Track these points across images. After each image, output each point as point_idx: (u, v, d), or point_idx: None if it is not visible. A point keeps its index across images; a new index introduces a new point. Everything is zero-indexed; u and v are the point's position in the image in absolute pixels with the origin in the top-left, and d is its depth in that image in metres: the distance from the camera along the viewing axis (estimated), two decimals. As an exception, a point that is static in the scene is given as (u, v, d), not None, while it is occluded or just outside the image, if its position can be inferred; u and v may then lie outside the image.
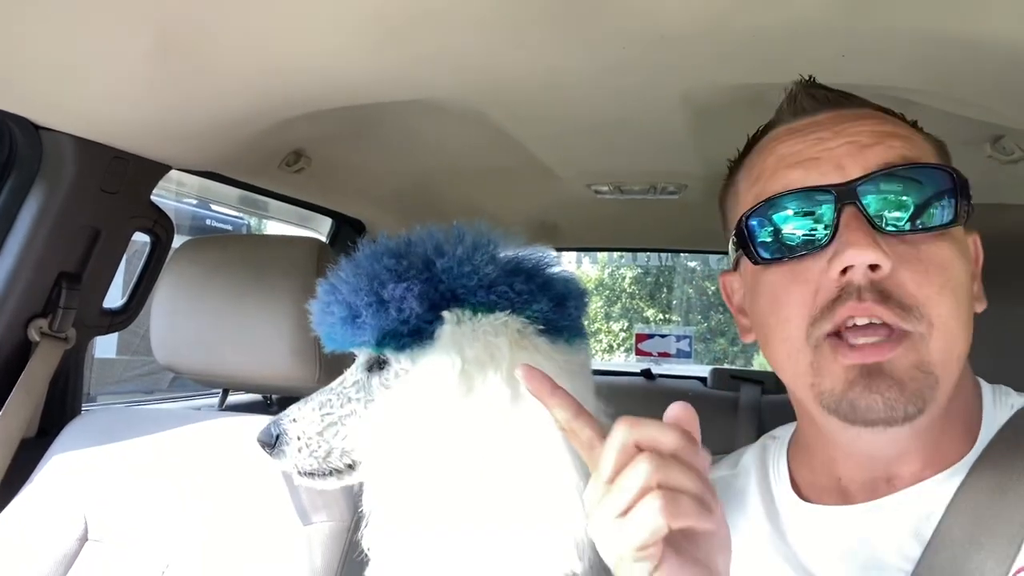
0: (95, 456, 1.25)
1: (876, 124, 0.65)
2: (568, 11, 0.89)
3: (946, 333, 0.60)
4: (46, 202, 1.22)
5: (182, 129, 1.24)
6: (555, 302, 0.84)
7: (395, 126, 1.44)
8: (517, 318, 0.80)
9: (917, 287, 0.59)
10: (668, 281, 14.02)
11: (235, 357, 1.30)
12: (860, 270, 0.59)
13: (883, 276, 0.59)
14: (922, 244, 0.61)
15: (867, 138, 0.63)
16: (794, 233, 0.63)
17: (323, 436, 0.85)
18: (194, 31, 0.94)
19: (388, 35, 0.95)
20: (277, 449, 0.87)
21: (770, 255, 0.65)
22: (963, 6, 0.83)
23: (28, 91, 1.06)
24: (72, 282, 1.30)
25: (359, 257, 0.85)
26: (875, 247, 0.58)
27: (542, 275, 0.85)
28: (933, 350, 0.60)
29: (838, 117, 0.67)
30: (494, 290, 0.81)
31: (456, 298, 0.81)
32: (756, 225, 0.66)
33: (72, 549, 1.16)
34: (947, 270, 0.61)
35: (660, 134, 1.42)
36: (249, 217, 4.22)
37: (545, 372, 0.58)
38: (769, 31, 0.92)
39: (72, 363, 1.42)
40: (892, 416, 0.59)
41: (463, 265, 0.81)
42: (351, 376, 0.88)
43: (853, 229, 0.59)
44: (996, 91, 1.01)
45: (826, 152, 0.64)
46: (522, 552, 0.75)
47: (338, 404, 0.86)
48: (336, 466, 0.86)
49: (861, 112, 0.67)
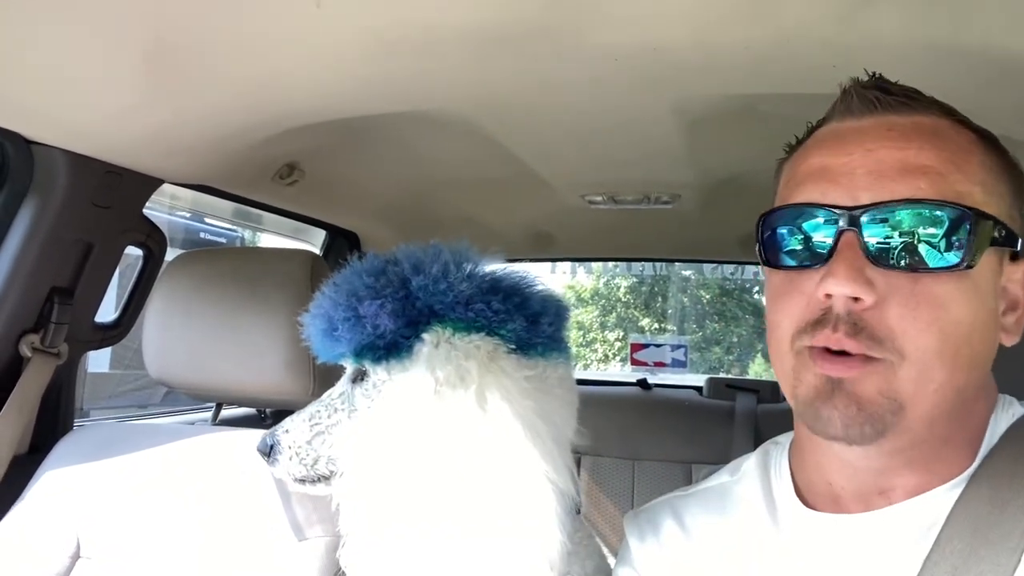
0: (87, 473, 1.24)
1: (916, 152, 0.62)
2: (560, 23, 0.89)
3: (921, 365, 0.59)
4: (38, 216, 1.22)
5: (175, 143, 1.24)
6: (530, 320, 0.87)
7: (389, 138, 1.45)
8: (491, 339, 0.84)
9: (898, 320, 0.59)
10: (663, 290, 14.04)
11: (229, 370, 1.29)
12: (841, 300, 0.59)
13: (864, 308, 0.59)
14: (922, 279, 0.60)
15: (894, 169, 0.61)
16: (795, 246, 0.64)
17: (311, 444, 0.91)
18: (187, 45, 0.94)
19: (382, 48, 0.95)
20: (272, 458, 0.93)
21: (774, 260, 0.67)
22: (955, 15, 0.83)
23: (19, 106, 1.06)
24: (64, 297, 1.29)
25: (343, 273, 0.90)
26: (857, 280, 0.58)
27: (520, 293, 0.89)
28: (902, 379, 0.59)
29: (883, 126, 0.64)
30: (471, 307, 0.85)
31: (435, 313, 0.85)
32: (766, 228, 0.67)
33: (64, 567, 1.15)
34: (942, 308, 0.59)
35: (653, 144, 1.43)
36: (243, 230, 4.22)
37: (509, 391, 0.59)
38: (760, 41, 0.92)
39: (64, 378, 1.40)
40: (849, 435, 0.59)
41: (439, 283, 0.85)
42: (339, 388, 0.93)
43: (843, 258, 0.59)
44: (987, 100, 1.02)
45: (847, 176, 0.62)
46: (494, 566, 0.78)
47: (326, 415, 0.92)
48: (323, 472, 0.92)
49: (910, 125, 0.64)
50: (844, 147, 0.64)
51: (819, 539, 0.68)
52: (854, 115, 0.66)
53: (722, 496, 0.79)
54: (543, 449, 0.80)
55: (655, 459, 2.16)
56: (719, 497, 0.79)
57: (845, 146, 0.64)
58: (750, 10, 0.85)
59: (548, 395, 0.85)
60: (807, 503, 0.71)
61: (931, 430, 0.62)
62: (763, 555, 0.71)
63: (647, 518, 0.82)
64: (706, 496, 0.80)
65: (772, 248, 0.67)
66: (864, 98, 0.66)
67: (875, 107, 0.65)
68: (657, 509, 0.82)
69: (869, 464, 0.65)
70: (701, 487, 0.83)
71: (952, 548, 0.59)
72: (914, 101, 0.65)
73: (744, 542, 0.73)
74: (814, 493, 0.71)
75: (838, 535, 0.66)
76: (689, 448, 2.15)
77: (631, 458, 2.17)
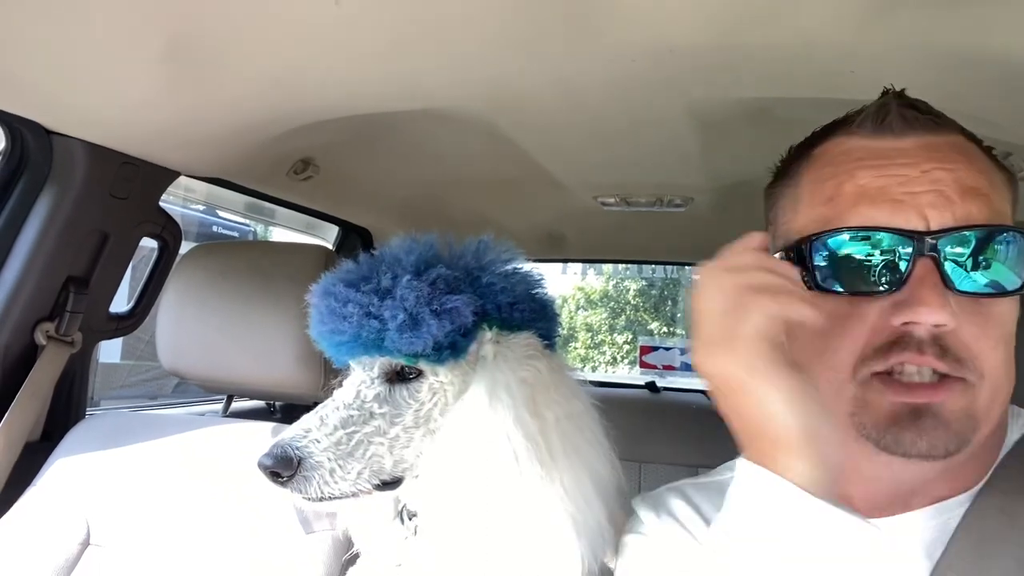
0: (99, 461, 1.25)
1: (964, 173, 0.61)
2: (577, 23, 0.89)
3: (994, 382, 0.61)
4: (55, 206, 1.23)
5: (192, 136, 1.25)
6: (549, 319, 0.89)
7: (404, 136, 1.45)
8: (533, 337, 0.85)
9: (975, 340, 0.60)
10: (673, 294, 14.00)
11: (240, 363, 1.30)
12: (925, 327, 0.59)
13: (945, 332, 0.59)
14: (985, 300, 0.60)
15: (953, 190, 0.61)
16: (862, 271, 0.61)
17: (353, 456, 0.79)
18: (206, 39, 0.95)
19: (398, 45, 0.96)
20: (298, 476, 0.77)
21: (829, 285, 0.63)
22: (972, 22, 0.83)
23: (40, 96, 1.07)
24: (80, 286, 1.31)
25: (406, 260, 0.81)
26: (946, 307, 0.58)
27: (540, 294, 0.89)
28: (980, 398, 0.60)
29: (925, 150, 0.63)
30: (517, 307, 0.83)
31: (486, 313, 0.82)
32: (823, 249, 0.63)
33: (73, 553, 1.16)
34: (1004, 325, 0.61)
35: (667, 146, 1.43)
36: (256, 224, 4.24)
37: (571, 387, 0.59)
38: (778, 45, 0.92)
39: (78, 367, 1.42)
40: (934, 453, 0.60)
41: (501, 282, 0.83)
42: (367, 388, 0.83)
43: (928, 286, 0.58)
44: (1005, 108, 1.01)
45: (910, 196, 0.61)
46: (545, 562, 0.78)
47: (360, 420, 0.81)
48: (363, 487, 0.81)
49: (946, 145, 0.63)
50: (894, 167, 0.62)
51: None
52: (894, 133, 0.64)
53: (721, 493, 0.78)
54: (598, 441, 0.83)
55: (662, 462, 2.15)
56: (720, 494, 0.78)
57: (894, 166, 0.62)
58: (768, 13, 0.85)
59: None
60: None
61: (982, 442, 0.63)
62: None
63: (659, 499, 0.81)
64: (716, 488, 0.80)
65: (828, 272, 0.62)
66: (902, 116, 0.64)
67: (916, 126, 0.64)
68: (667, 493, 0.81)
69: (920, 476, 0.64)
70: (709, 479, 0.82)
71: (962, 556, 0.60)
72: (941, 119, 0.65)
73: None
74: None
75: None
76: (697, 452, 2.14)
77: (638, 460, 2.16)
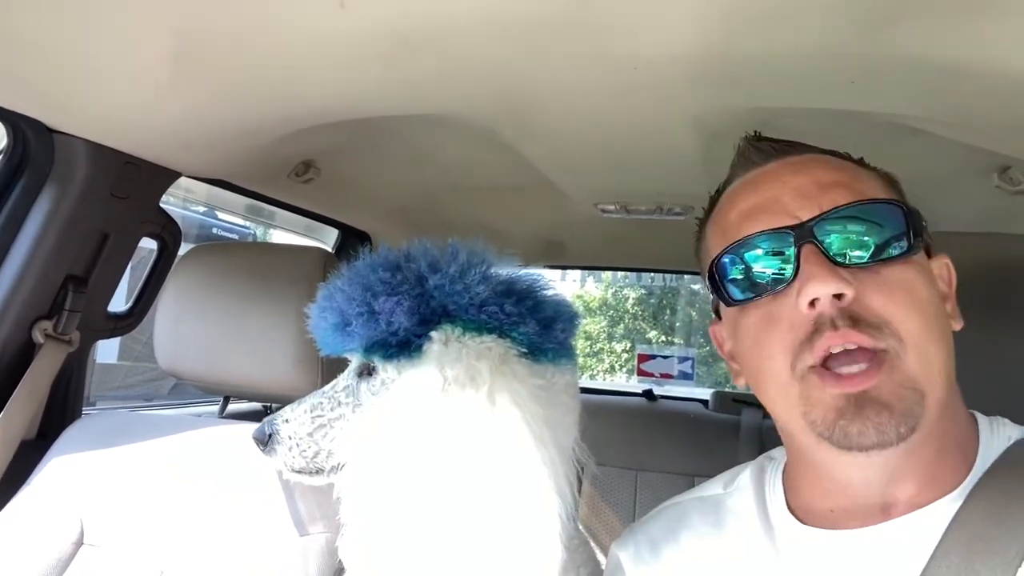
0: (94, 460, 1.25)
1: (822, 173, 0.70)
2: (580, 31, 0.89)
3: (919, 348, 0.62)
4: (56, 205, 1.23)
5: (194, 137, 1.25)
6: (543, 324, 0.86)
7: (405, 140, 1.45)
8: (502, 342, 0.83)
9: (883, 306, 0.63)
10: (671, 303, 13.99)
11: (238, 364, 1.30)
12: (826, 301, 0.62)
13: (849, 302, 0.62)
14: (882, 269, 0.64)
15: (814, 189, 0.68)
16: (761, 272, 0.67)
17: (312, 437, 0.90)
18: (210, 40, 0.95)
19: (401, 49, 0.96)
20: (269, 447, 0.91)
21: (741, 294, 0.69)
22: (974, 36, 0.83)
23: (43, 94, 1.07)
24: (79, 285, 1.31)
25: (356, 267, 0.88)
26: (835, 277, 0.62)
27: (533, 297, 0.88)
28: (909, 365, 0.62)
29: (785, 166, 0.72)
30: (484, 310, 0.83)
31: (447, 313, 0.84)
32: (727, 265, 0.70)
33: (67, 553, 1.15)
34: (911, 290, 0.64)
35: (668, 155, 1.43)
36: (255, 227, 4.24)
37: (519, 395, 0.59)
38: (780, 56, 0.92)
39: (75, 366, 1.42)
40: (885, 439, 0.61)
41: (455, 283, 0.84)
42: (342, 381, 0.91)
43: (814, 263, 0.63)
44: (1005, 122, 1.02)
45: (779, 204, 0.68)
46: (492, 569, 0.77)
47: (328, 408, 0.90)
48: (321, 465, 0.90)
49: (806, 159, 0.73)
50: (762, 186, 0.71)
51: (816, 556, 0.68)
52: (758, 164, 0.74)
53: (714, 508, 0.79)
54: (546, 456, 0.79)
55: (658, 470, 2.15)
56: (713, 510, 0.79)
57: (761, 185, 0.72)
58: (771, 23, 0.85)
59: (555, 402, 0.84)
60: (801, 520, 0.71)
61: (942, 426, 0.64)
62: (758, 570, 0.71)
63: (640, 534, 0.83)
64: (699, 507, 0.81)
65: (734, 286, 0.70)
66: (760, 149, 0.75)
67: (773, 153, 0.74)
68: (649, 524, 0.83)
69: (887, 471, 0.65)
70: (694, 495, 0.83)
71: (948, 562, 0.60)
72: (800, 145, 0.75)
73: (738, 558, 0.73)
74: (809, 511, 0.71)
75: (836, 551, 0.67)
76: (693, 460, 2.14)
77: (634, 468, 2.16)
